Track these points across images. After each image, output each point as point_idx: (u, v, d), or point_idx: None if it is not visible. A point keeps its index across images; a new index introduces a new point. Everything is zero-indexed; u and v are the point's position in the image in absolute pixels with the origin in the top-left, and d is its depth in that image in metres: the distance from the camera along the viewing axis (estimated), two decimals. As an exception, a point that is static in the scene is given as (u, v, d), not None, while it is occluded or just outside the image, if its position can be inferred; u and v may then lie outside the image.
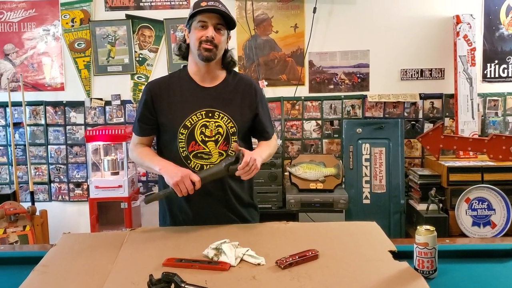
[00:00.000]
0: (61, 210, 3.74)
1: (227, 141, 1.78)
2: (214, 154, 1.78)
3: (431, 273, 1.35)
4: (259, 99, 1.89)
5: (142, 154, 1.84)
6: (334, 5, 3.55)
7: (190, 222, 1.81)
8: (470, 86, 3.44)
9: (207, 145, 1.77)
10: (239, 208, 1.85)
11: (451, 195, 3.22)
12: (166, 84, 1.84)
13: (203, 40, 1.71)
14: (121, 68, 3.64)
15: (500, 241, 1.90)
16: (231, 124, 1.79)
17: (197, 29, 1.74)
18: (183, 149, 1.77)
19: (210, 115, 1.78)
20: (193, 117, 1.77)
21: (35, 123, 3.69)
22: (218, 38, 1.73)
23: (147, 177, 3.70)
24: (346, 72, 3.62)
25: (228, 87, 1.84)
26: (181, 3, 3.58)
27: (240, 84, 1.87)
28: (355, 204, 3.36)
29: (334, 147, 3.67)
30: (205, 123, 1.77)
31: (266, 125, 1.92)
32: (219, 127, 1.78)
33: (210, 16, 1.72)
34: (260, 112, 1.88)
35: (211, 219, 1.79)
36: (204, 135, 1.77)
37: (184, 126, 1.76)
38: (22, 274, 1.37)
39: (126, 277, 1.33)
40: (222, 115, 1.78)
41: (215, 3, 1.73)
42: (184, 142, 1.77)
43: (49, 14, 3.61)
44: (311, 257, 1.41)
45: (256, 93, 1.88)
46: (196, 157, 1.77)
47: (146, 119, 1.83)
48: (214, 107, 1.78)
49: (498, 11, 3.55)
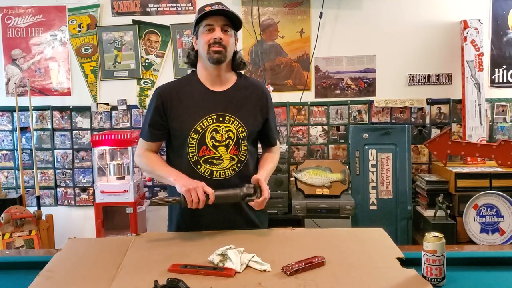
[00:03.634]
0: (67, 214, 3.74)
1: (237, 146, 1.78)
2: (225, 159, 1.77)
3: (440, 280, 1.33)
4: (269, 104, 1.88)
5: (152, 162, 1.82)
6: (340, 10, 3.55)
7: (198, 225, 1.78)
8: (477, 91, 3.41)
9: (218, 150, 1.76)
10: (248, 213, 1.83)
11: (459, 202, 3.19)
12: (176, 88, 1.83)
13: (212, 43, 1.71)
14: (127, 73, 3.66)
15: (509, 248, 1.89)
16: (242, 129, 1.78)
17: (204, 33, 1.74)
18: (193, 154, 1.76)
19: (221, 120, 1.77)
20: (204, 121, 1.76)
21: (42, 127, 3.71)
22: (226, 39, 1.73)
23: (152, 182, 3.70)
24: (353, 77, 3.61)
25: (239, 91, 1.83)
26: (187, 9, 3.59)
27: (251, 88, 1.86)
28: (361, 210, 3.33)
29: (340, 153, 3.65)
30: (216, 128, 1.76)
31: (273, 131, 1.92)
32: (230, 132, 1.77)
33: (216, 19, 1.73)
34: (269, 118, 1.88)
35: (220, 223, 1.77)
36: (215, 140, 1.76)
37: (195, 131, 1.75)
38: (27, 279, 1.36)
39: (131, 282, 1.32)
40: (232, 119, 1.77)
41: (219, 5, 1.73)
42: (194, 147, 1.76)
43: (56, 19, 3.63)
44: (317, 263, 1.39)
45: (267, 98, 1.88)
46: (207, 162, 1.76)
47: (157, 124, 1.81)
48: (224, 112, 1.77)
49: (506, 16, 3.53)
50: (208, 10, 1.71)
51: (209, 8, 1.72)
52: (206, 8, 1.73)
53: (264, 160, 1.91)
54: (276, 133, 1.96)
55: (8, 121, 3.71)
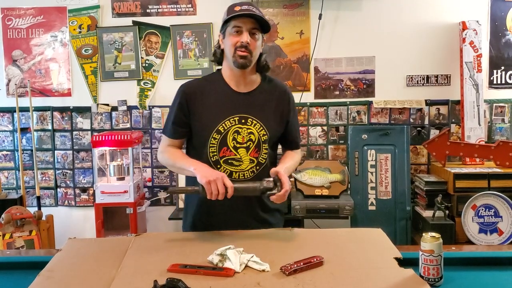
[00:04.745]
0: (67, 215, 3.75)
1: (258, 148, 1.77)
2: (245, 160, 1.77)
3: (437, 280, 1.34)
4: (291, 107, 1.87)
5: (174, 155, 1.81)
6: (340, 12, 3.56)
7: (209, 224, 1.79)
8: (476, 92, 3.42)
9: (238, 152, 1.76)
10: (261, 215, 1.83)
11: (458, 202, 3.20)
12: (200, 87, 1.82)
13: (238, 46, 1.70)
14: (128, 74, 3.66)
15: (507, 248, 1.89)
16: (263, 132, 1.78)
17: (232, 34, 1.71)
18: (214, 154, 1.76)
19: (243, 121, 1.76)
20: (226, 122, 1.75)
21: (42, 128, 3.72)
22: (253, 43, 1.71)
23: (152, 182, 3.71)
24: (352, 78, 3.62)
25: (263, 94, 1.82)
26: (187, 10, 3.60)
27: (275, 91, 1.84)
28: (360, 210, 3.34)
29: (339, 153, 3.66)
30: (238, 129, 1.76)
31: (294, 134, 1.90)
32: (251, 134, 1.77)
33: (245, 21, 1.70)
34: (291, 120, 1.86)
35: (233, 224, 1.76)
36: (236, 141, 1.76)
37: (217, 131, 1.75)
38: (27, 279, 1.37)
39: (130, 282, 1.33)
40: (255, 122, 1.77)
41: (249, 7, 1.70)
42: (215, 147, 1.76)
43: (57, 20, 3.64)
44: (316, 263, 1.40)
45: (290, 100, 1.86)
46: (227, 163, 1.76)
47: (180, 121, 1.80)
48: (247, 114, 1.77)
49: (505, 17, 3.54)
50: (237, 11, 1.68)
51: (239, 9, 1.69)
52: (235, 8, 1.70)
53: (284, 157, 1.89)
54: (298, 136, 1.94)
55: (9, 121, 3.72)
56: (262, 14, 1.72)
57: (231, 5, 1.73)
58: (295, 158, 1.89)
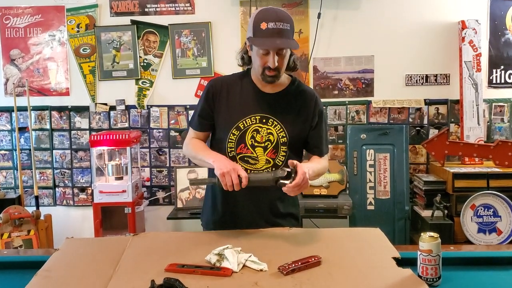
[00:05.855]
0: (66, 214, 3.74)
1: (276, 150, 1.76)
2: (261, 160, 1.76)
3: (435, 280, 1.34)
4: (318, 113, 1.83)
5: (196, 147, 1.82)
6: (339, 11, 3.55)
7: (220, 223, 1.81)
8: (475, 91, 3.42)
9: (255, 150, 1.76)
10: (272, 218, 1.82)
11: (456, 202, 3.20)
12: (227, 83, 1.83)
13: (266, 67, 1.68)
14: (126, 73, 3.66)
15: (506, 248, 1.89)
16: (283, 134, 1.76)
17: (259, 54, 1.68)
18: (231, 149, 1.77)
19: (264, 121, 1.76)
20: (247, 120, 1.76)
21: (40, 127, 3.71)
22: (281, 62, 1.68)
23: (151, 182, 3.70)
24: (351, 77, 3.61)
25: (288, 96, 1.80)
26: (185, 9, 3.59)
27: (301, 96, 1.82)
28: (359, 210, 3.34)
29: (338, 153, 3.65)
30: (257, 128, 1.76)
31: (319, 141, 1.85)
32: (270, 135, 1.76)
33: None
34: (315, 126, 1.83)
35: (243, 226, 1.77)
36: (254, 140, 1.76)
37: (236, 128, 1.76)
38: (25, 278, 1.36)
39: (127, 282, 1.33)
40: (276, 123, 1.76)
41: (276, 24, 1.62)
42: (233, 143, 1.76)
43: (55, 19, 3.63)
44: (313, 263, 1.40)
45: (316, 107, 1.82)
46: (243, 160, 1.76)
47: (206, 114, 1.82)
48: (269, 114, 1.76)
49: (504, 17, 3.54)
50: (264, 30, 1.62)
51: (265, 27, 1.62)
52: (262, 25, 1.63)
53: (311, 160, 1.86)
54: (325, 144, 1.88)
55: (7, 121, 3.72)
56: (289, 25, 1.65)
57: (258, 18, 1.65)
58: (321, 162, 1.85)
